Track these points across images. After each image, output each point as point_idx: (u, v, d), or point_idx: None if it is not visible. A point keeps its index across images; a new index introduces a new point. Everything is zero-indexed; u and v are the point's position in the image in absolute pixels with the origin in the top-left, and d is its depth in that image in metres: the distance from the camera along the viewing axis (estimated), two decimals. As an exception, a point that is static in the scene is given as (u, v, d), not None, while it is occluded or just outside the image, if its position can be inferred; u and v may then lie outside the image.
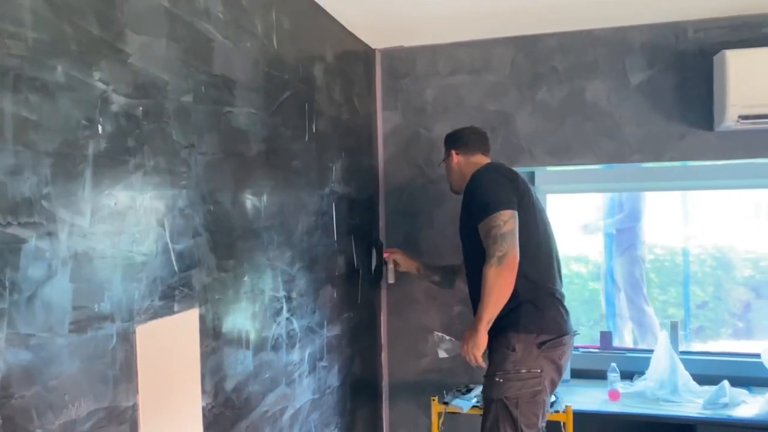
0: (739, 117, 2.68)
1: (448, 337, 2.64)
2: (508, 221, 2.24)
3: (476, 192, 2.37)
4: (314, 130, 2.50)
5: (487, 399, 2.35)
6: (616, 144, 3.03)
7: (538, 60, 3.11)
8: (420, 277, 3.01)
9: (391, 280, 2.97)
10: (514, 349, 2.28)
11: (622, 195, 4.17)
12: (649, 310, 4.07)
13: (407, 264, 2.95)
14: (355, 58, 3.05)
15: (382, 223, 3.35)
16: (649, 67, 2.97)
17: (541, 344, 2.28)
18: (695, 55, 2.91)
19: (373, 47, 3.27)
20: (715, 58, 2.81)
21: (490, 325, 2.26)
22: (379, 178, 3.34)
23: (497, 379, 2.29)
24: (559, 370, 2.36)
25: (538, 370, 2.28)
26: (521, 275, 2.26)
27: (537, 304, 2.32)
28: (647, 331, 4.04)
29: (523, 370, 2.27)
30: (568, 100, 3.08)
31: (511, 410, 2.27)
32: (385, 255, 2.96)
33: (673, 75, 2.94)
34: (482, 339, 2.26)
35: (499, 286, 2.22)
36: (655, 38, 2.96)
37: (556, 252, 2.48)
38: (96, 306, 1.35)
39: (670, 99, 2.95)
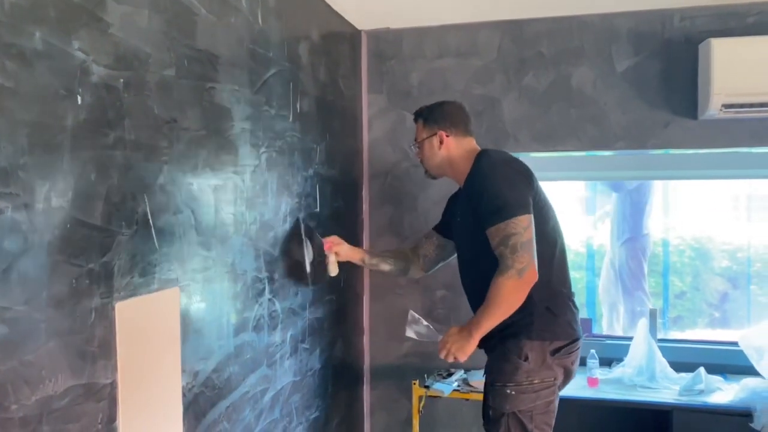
0: (723, 106, 2.69)
1: (425, 323, 2.36)
2: (527, 228, 2.04)
3: (489, 189, 2.12)
4: (298, 111, 2.46)
5: (497, 411, 2.16)
6: (600, 131, 3.03)
7: (525, 45, 3.10)
8: (366, 266, 2.63)
9: (333, 273, 2.50)
10: (526, 359, 2.12)
11: (626, 186, 4.14)
12: (648, 303, 4.09)
13: (348, 253, 2.52)
14: (340, 39, 3.01)
15: (366, 206, 3.33)
16: (635, 55, 2.97)
17: (554, 351, 2.14)
18: (681, 43, 2.91)
19: (359, 28, 3.24)
20: (701, 46, 2.82)
21: (484, 334, 2.11)
22: (364, 160, 3.32)
23: (509, 391, 2.12)
24: (569, 376, 2.24)
25: (552, 379, 2.15)
26: (540, 281, 2.07)
27: (553, 310, 2.17)
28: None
29: (536, 381, 2.12)
30: (554, 86, 3.07)
31: (525, 424, 2.12)
32: (326, 247, 2.45)
33: (658, 63, 2.95)
34: (473, 347, 2.11)
35: (513, 300, 2.05)
36: (641, 25, 2.96)
37: (566, 248, 2.33)
38: (74, 281, 1.32)
39: (655, 87, 2.96)
